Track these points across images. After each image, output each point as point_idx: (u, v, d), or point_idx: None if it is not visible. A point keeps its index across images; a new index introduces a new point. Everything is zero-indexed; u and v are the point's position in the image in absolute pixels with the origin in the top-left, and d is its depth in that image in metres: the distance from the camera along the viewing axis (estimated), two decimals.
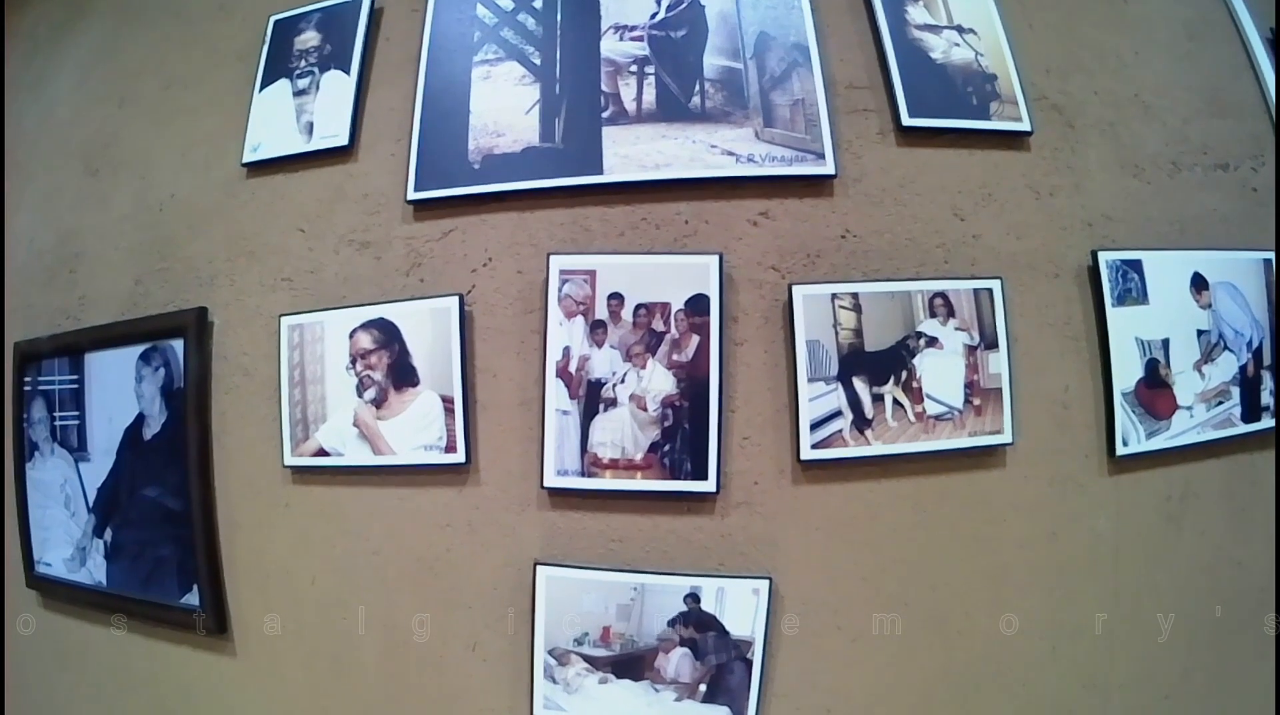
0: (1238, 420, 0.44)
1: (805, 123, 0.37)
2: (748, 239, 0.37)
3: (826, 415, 0.34)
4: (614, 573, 0.34)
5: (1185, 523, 0.43)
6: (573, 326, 0.34)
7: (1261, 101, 0.56)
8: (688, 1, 0.40)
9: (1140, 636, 0.41)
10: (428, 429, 0.36)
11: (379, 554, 0.38)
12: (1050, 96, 0.45)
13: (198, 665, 0.43)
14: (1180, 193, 0.46)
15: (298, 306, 0.40)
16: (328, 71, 0.43)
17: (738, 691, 0.34)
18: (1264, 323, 0.47)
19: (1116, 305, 0.40)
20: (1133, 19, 0.51)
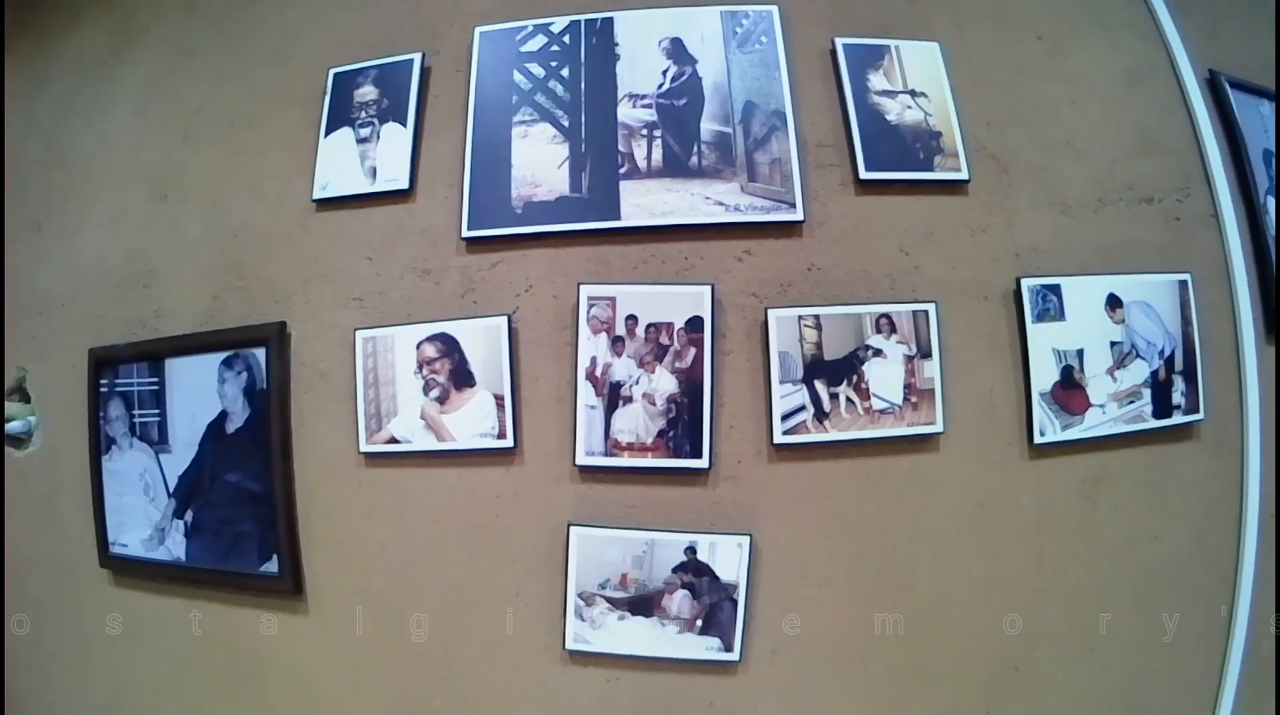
0: (1149, 416, 0.67)
1: (781, 178, 0.57)
2: (734, 272, 0.58)
3: (794, 409, 0.55)
4: (630, 531, 0.55)
5: (1101, 501, 0.64)
6: (598, 340, 0.55)
7: (1192, 137, 0.77)
8: (688, 74, 0.60)
9: (1064, 594, 0.62)
10: (483, 421, 0.56)
11: (439, 522, 0.59)
12: (989, 147, 0.67)
13: (273, 625, 0.63)
14: (1104, 225, 0.68)
15: (369, 322, 0.61)
16: (386, 123, 0.63)
17: (727, 625, 0.55)
18: (1176, 334, 0.68)
19: (1036, 322, 0.61)
20: (1072, 71, 0.72)
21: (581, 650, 0.57)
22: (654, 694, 0.59)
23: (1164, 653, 0.69)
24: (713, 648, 0.55)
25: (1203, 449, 0.72)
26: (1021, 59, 0.72)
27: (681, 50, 0.63)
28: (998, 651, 0.61)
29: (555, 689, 0.59)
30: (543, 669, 0.59)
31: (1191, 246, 0.75)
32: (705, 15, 0.64)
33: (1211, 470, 0.71)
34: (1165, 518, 0.68)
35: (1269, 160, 0.92)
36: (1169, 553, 0.68)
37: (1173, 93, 0.79)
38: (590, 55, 0.63)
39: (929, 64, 0.65)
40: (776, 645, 0.58)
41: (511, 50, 0.64)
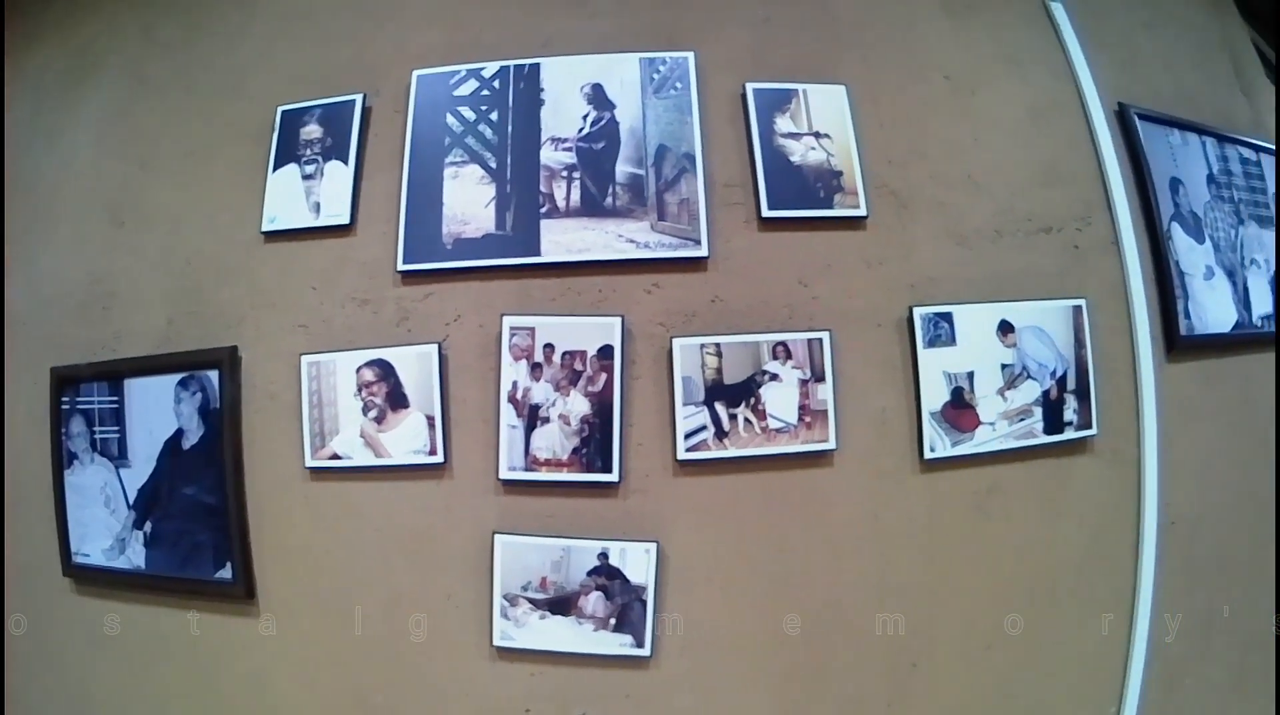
0: (1040, 433, 0.80)
1: (688, 217, 0.69)
2: (644, 304, 0.70)
3: (696, 428, 0.67)
4: (549, 538, 0.67)
5: (993, 511, 0.77)
6: (519, 366, 0.67)
7: (1097, 169, 0.88)
8: (607, 119, 0.71)
9: (958, 597, 0.74)
10: (416, 439, 0.68)
11: (379, 531, 0.71)
12: (889, 183, 0.79)
13: (228, 628, 0.75)
14: (1000, 255, 0.80)
15: (313, 347, 0.72)
16: (330, 160, 0.74)
17: (638, 623, 0.66)
18: (1069, 356, 0.79)
19: (927, 347, 0.72)
20: (977, 108, 0.84)
21: (508, 647, 0.69)
22: (575, 687, 0.71)
23: (1066, 651, 0.82)
24: (626, 644, 0.68)
25: (1097, 462, 0.84)
26: (927, 98, 0.85)
27: (602, 96, 0.75)
28: (895, 650, 0.74)
29: (486, 683, 0.71)
30: (474, 665, 0.71)
31: (1090, 273, 0.87)
32: (625, 62, 0.76)
33: (1106, 481, 0.84)
34: (1059, 525, 0.81)
35: (1175, 188, 1.05)
36: (1065, 558, 0.80)
37: (1079, 126, 0.91)
38: (517, 100, 0.75)
39: (834, 106, 0.77)
40: (686, 643, 0.71)
41: (446, 93, 0.76)
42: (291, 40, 0.87)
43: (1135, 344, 0.91)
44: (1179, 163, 1.07)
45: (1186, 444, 0.93)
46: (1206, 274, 1.04)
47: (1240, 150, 1.23)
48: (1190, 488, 0.92)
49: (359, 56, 0.83)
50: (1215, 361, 1.03)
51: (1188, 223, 1.06)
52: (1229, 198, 1.17)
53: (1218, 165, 1.17)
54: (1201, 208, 1.09)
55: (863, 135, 0.79)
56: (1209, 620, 0.93)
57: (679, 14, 0.84)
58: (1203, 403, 0.96)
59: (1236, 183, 1.20)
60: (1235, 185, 1.20)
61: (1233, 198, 1.19)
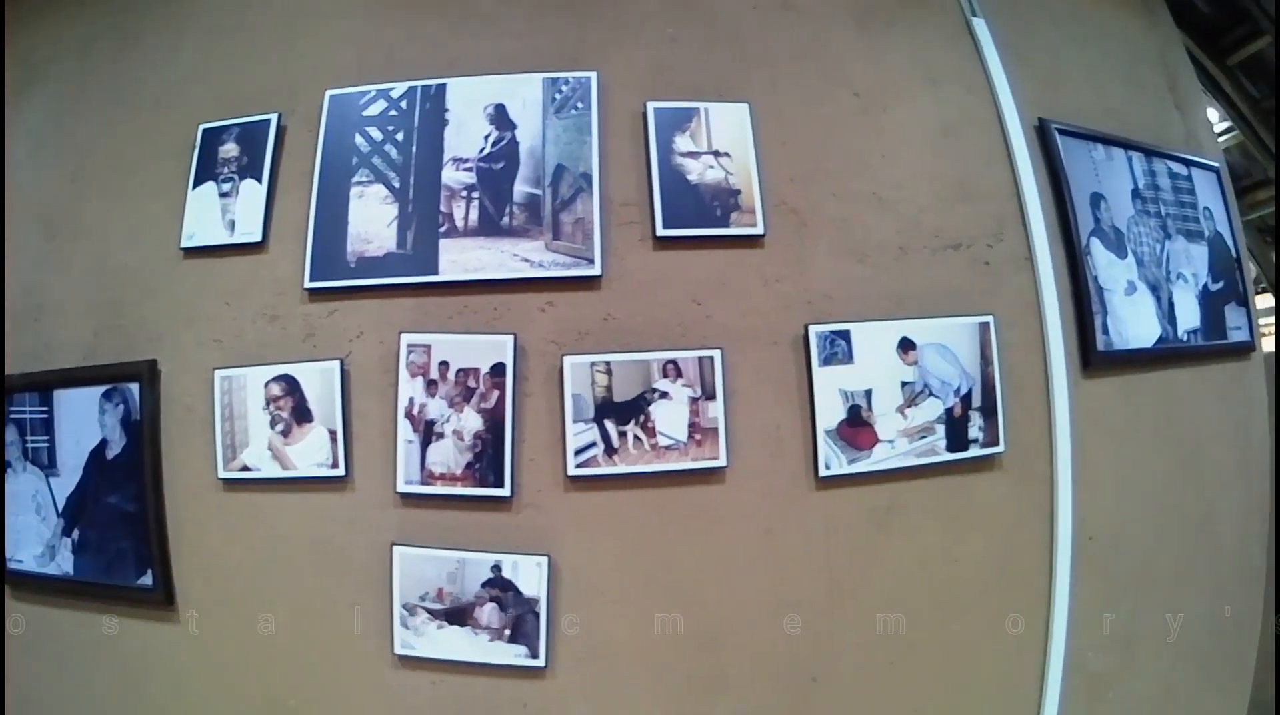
0: (942, 450, 0.85)
1: (583, 236, 0.74)
2: (538, 322, 0.76)
3: (586, 445, 0.73)
4: (444, 550, 0.74)
5: (894, 528, 0.82)
6: (415, 383, 0.73)
7: (1011, 184, 0.93)
8: (507, 140, 0.77)
9: (859, 613, 0.80)
10: (319, 452, 0.74)
11: (286, 541, 0.77)
12: (789, 202, 0.84)
13: (150, 632, 0.83)
14: (905, 272, 0.85)
15: (226, 362, 0.79)
16: (245, 179, 0.81)
17: (532, 634, 0.72)
18: (975, 373, 0.84)
19: (823, 365, 0.77)
20: (888, 125, 0.90)
21: (408, 655, 0.76)
22: (474, 695, 0.78)
23: (978, 667, 0.88)
24: (520, 655, 0.74)
25: (1006, 478, 0.89)
26: (836, 115, 0.91)
27: (504, 116, 0.81)
28: (794, 664, 0.79)
29: (390, 690, 0.78)
30: (378, 672, 0.78)
31: (1001, 289, 0.92)
32: (529, 83, 0.82)
33: (1016, 498, 0.88)
34: (967, 542, 0.85)
35: (1097, 203, 1.10)
36: (973, 574, 0.85)
37: (995, 143, 0.96)
38: (423, 120, 0.81)
39: (736, 125, 0.83)
40: (581, 654, 0.77)
41: (355, 114, 0.83)
42: (218, 58, 0.95)
43: (1048, 360, 0.95)
44: (1102, 178, 1.12)
45: (1105, 460, 0.98)
46: (1128, 289, 1.09)
47: (1170, 165, 1.28)
48: (1109, 503, 0.97)
49: (277, 76, 0.91)
50: (1136, 377, 1.07)
51: (1109, 238, 1.11)
52: (1155, 212, 1.22)
53: (1144, 180, 1.23)
54: (1125, 223, 1.14)
55: (764, 153, 0.85)
56: (1132, 635, 0.97)
57: (586, 34, 0.90)
58: (1122, 418, 1.01)
59: (1165, 197, 1.25)
60: (1163, 200, 1.25)
61: (1160, 212, 1.25)
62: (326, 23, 0.93)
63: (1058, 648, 0.90)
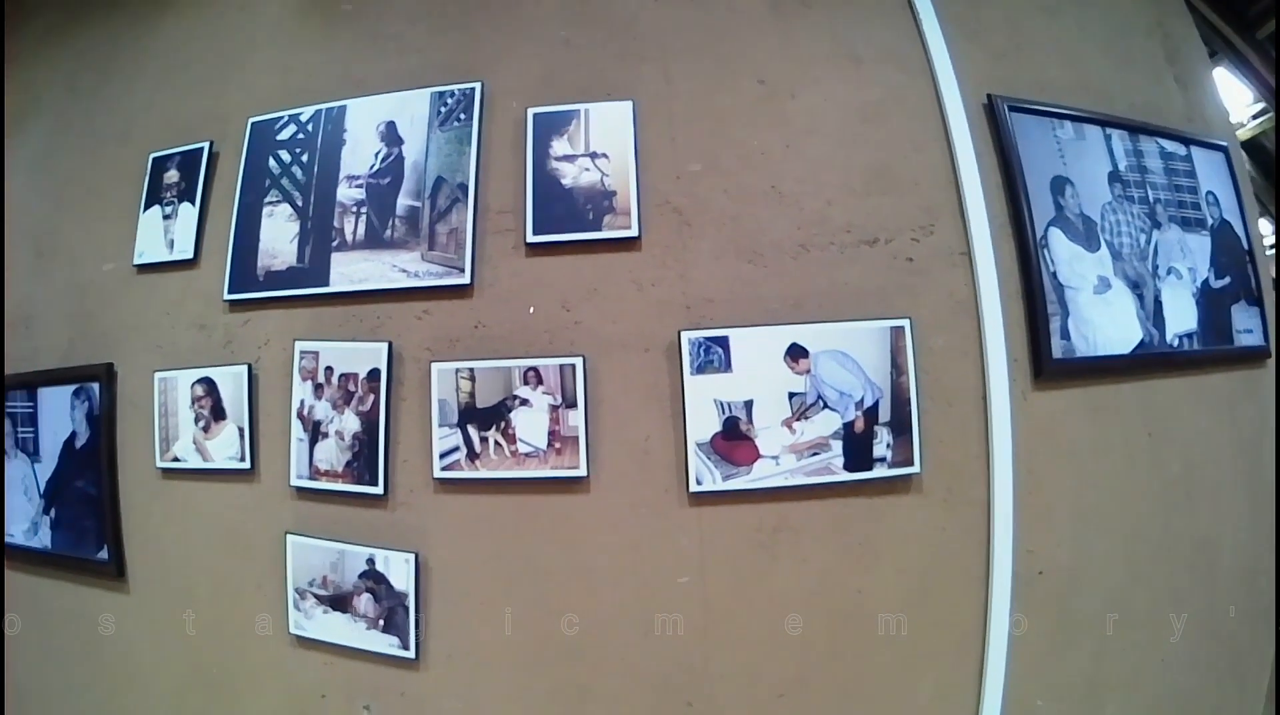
0: (839, 469, 0.89)
1: (455, 246, 0.89)
2: (414, 329, 0.92)
3: (450, 449, 0.87)
4: (328, 541, 0.92)
5: (781, 551, 0.88)
6: (306, 386, 0.92)
7: (947, 170, 0.91)
8: (394, 155, 0.94)
9: (741, 640, 0.88)
10: (231, 447, 0.96)
11: (207, 526, 1.01)
12: (674, 201, 0.93)
13: (105, 601, 1.10)
14: (803, 273, 0.90)
15: (164, 365, 1.04)
16: (183, 202, 1.06)
17: (403, 627, 0.88)
18: (883, 384, 0.86)
19: (696, 374, 0.86)
20: (795, 112, 0.95)
21: (301, 636, 0.96)
22: (361, 678, 0.96)
23: (889, 707, 0.88)
24: (394, 645, 0.91)
25: (925, 503, 0.91)
26: (733, 106, 1.00)
27: (393, 133, 0.98)
28: (667, 686, 0.89)
29: (289, 668, 0.99)
30: (279, 650, 0.99)
31: (925, 288, 0.95)
32: (418, 98, 0.99)
33: (939, 525, 0.91)
34: (871, 573, 0.90)
35: (1060, 188, 1.06)
36: (880, 607, 0.89)
37: (929, 124, 0.98)
38: (324, 141, 1.01)
39: (617, 124, 0.94)
40: (451, 651, 0.93)
41: (271, 138, 1.05)
42: (168, 90, 1.24)
43: (986, 369, 0.94)
44: (1069, 159, 1.10)
45: (1062, 484, 0.99)
46: (1099, 286, 1.09)
47: (1162, 144, 1.24)
48: (1066, 533, 0.99)
49: (214, 106, 1.16)
50: (1108, 388, 1.05)
51: (1074, 227, 1.09)
52: (1141, 198, 1.19)
53: (1127, 161, 1.20)
54: (1098, 210, 1.13)
55: (650, 152, 0.97)
56: (1097, 680, 0.98)
57: (480, 44, 1.07)
58: (1086, 436, 1.01)
59: (1154, 180, 1.20)
60: (1152, 183, 1.21)
61: (1146, 198, 1.20)
62: (256, 53, 1.18)
63: (993, 692, 0.90)
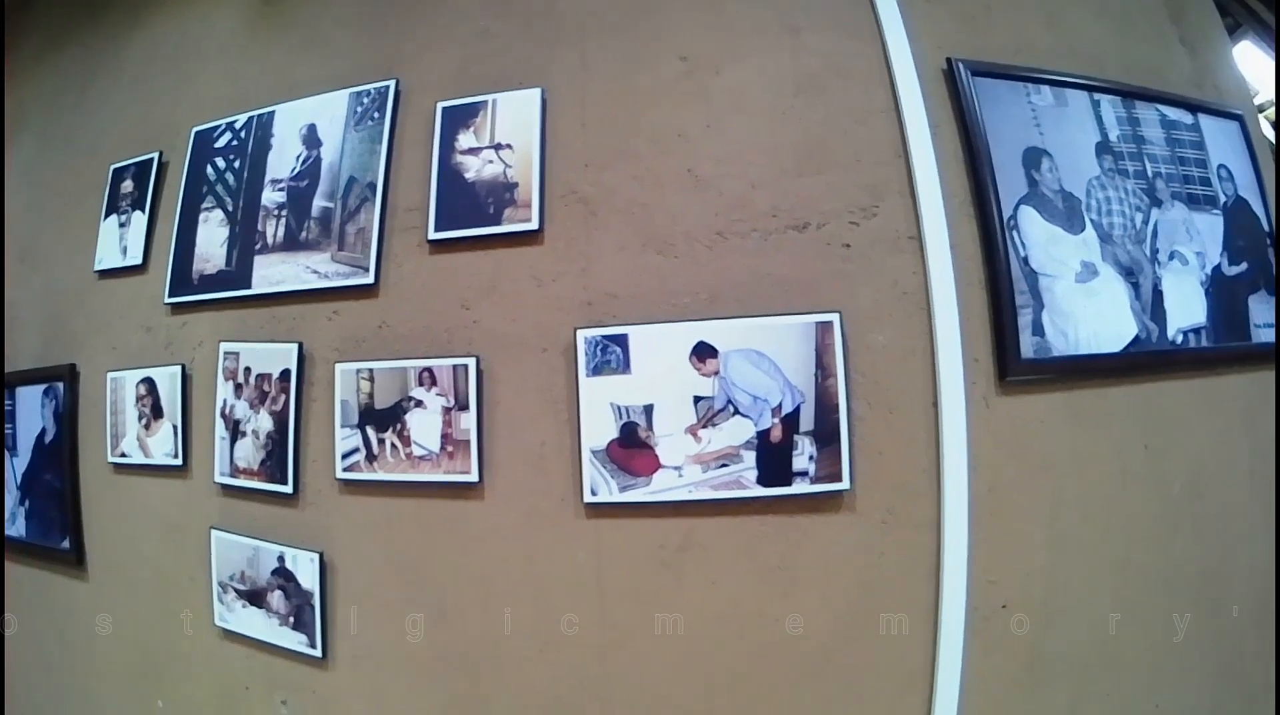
0: (751, 483, 0.91)
1: (363, 245, 1.00)
2: (325, 329, 1.06)
3: (350, 450, 1.00)
4: (245, 538, 1.07)
5: (687, 571, 0.92)
6: (228, 386, 1.08)
7: (894, 145, 0.94)
8: (314, 158, 1.08)
9: (642, 663, 0.92)
10: (167, 443, 1.14)
11: (148, 519, 1.21)
12: (580, 190, 1.00)
13: (69, 587, 1.34)
14: (720, 263, 0.95)
15: (116, 366, 1.26)
16: (135, 211, 1.27)
17: (310, 625, 1.01)
18: (806, 388, 0.86)
19: (592, 375, 0.92)
20: (718, 89, 1.02)
21: (224, 628, 1.11)
22: (278, 673, 1.11)
23: None
24: (302, 643, 1.04)
25: (856, 523, 0.91)
26: (651, 86, 1.07)
27: (314, 136, 1.13)
28: (563, 706, 0.94)
29: (218, 658, 1.16)
30: (207, 641, 1.16)
31: (864, 277, 0.95)
32: (337, 99, 1.14)
33: (875, 549, 0.91)
34: (791, 599, 0.92)
35: (1034, 162, 1.04)
36: (802, 638, 0.92)
37: (875, 95, 0.98)
38: (254, 146, 1.17)
39: (523, 113, 1.03)
40: (356, 652, 1.05)
41: (210, 146, 1.23)
42: (132, 103, 1.48)
43: (937, 370, 0.91)
44: (1046, 129, 1.09)
45: (1033, 503, 0.97)
46: (1083, 273, 1.06)
47: (1164, 111, 1.19)
48: (1039, 561, 0.97)
49: (167, 117, 1.38)
50: (1094, 392, 1.02)
51: (1052, 206, 1.07)
52: (1138, 171, 1.14)
53: (1119, 130, 1.16)
54: (1083, 186, 1.10)
55: (559, 140, 1.06)
56: None
57: (401, 42, 1.21)
58: (1065, 448, 0.99)
59: (1154, 152, 1.17)
60: (1151, 155, 1.17)
61: (1144, 171, 1.15)
62: (205, 65, 1.39)
63: None
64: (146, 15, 1.56)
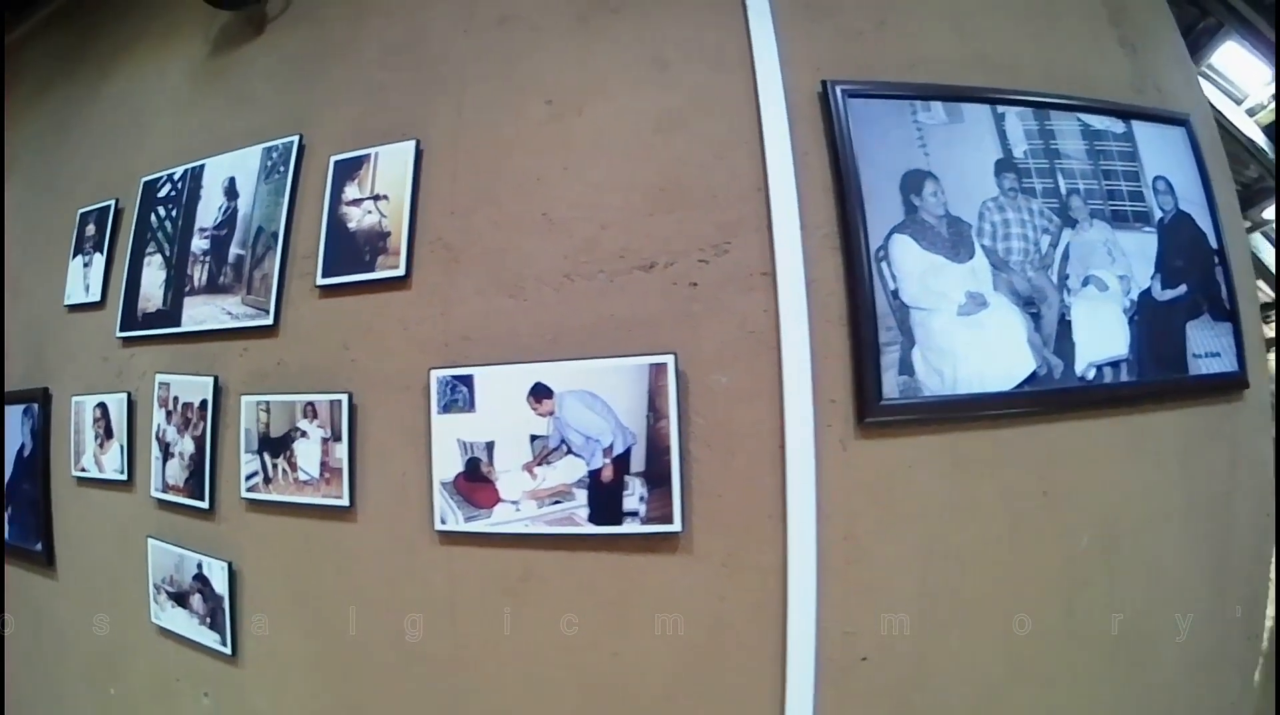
0: (584, 521, 1.11)
1: (266, 290, 1.27)
2: (237, 365, 1.36)
3: (252, 472, 1.28)
4: (173, 546, 1.40)
5: (529, 601, 1.12)
6: (161, 413, 1.39)
7: (754, 178, 1.08)
8: (232, 208, 1.37)
9: (489, 685, 1.11)
10: (116, 461, 1.48)
11: (103, 529, 1.58)
12: (446, 237, 1.22)
13: (42, 585, 1.72)
14: (564, 304, 1.16)
15: (79, 391, 1.65)
16: (96, 253, 1.62)
17: (223, 627, 1.32)
18: (638, 429, 1.04)
19: (442, 413, 1.15)
20: (580, 131, 1.23)
21: (159, 625, 1.41)
22: (201, 667, 1.42)
23: None
24: (217, 641, 1.33)
25: (693, 565, 1.07)
26: (517, 133, 1.27)
27: (233, 188, 1.41)
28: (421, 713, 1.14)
29: (155, 652, 1.48)
30: (147, 637, 1.48)
31: (710, 317, 1.14)
32: (252, 154, 1.42)
33: (713, 592, 1.07)
34: (629, 638, 1.11)
35: (915, 186, 1.13)
36: (640, 676, 1.10)
37: (739, 127, 1.17)
38: (188, 197, 1.47)
39: (399, 165, 1.25)
40: (258, 653, 1.32)
41: (154, 195, 1.54)
42: (99, 151, 1.86)
43: (784, 412, 1.04)
44: (933, 149, 1.14)
45: (903, 554, 1.07)
46: (969, 305, 1.12)
47: (1087, 120, 1.23)
48: (909, 616, 1.06)
49: (124, 166, 1.73)
50: (980, 435, 1.10)
51: (933, 233, 1.14)
52: (1047, 189, 1.19)
53: (1027, 145, 1.20)
54: (975, 209, 1.13)
55: (431, 189, 1.31)
56: None
57: (310, 97, 1.50)
58: (944, 496, 1.08)
59: (1070, 167, 1.20)
60: (1067, 170, 1.20)
61: (1056, 189, 1.16)
62: (156, 118, 1.73)
63: None
64: (114, 68, 1.94)
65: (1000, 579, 1.08)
